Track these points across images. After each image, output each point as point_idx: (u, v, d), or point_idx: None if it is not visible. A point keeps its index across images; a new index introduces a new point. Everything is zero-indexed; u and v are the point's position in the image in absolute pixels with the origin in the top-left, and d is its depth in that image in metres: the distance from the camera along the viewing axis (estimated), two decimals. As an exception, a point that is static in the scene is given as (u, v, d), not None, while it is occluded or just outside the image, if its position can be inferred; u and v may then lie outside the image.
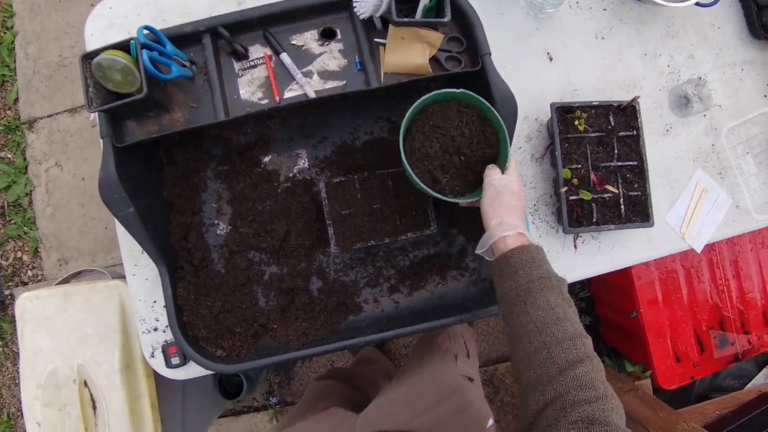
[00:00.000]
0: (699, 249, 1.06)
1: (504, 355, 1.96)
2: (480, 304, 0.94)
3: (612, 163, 0.99)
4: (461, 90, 0.84)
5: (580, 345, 0.63)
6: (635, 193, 0.99)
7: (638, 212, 0.99)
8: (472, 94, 0.84)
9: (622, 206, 0.98)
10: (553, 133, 0.97)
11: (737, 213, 1.08)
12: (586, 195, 0.95)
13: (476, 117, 0.87)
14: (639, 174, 0.99)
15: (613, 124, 0.99)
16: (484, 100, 0.84)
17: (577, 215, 0.98)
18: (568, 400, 0.58)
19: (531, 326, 0.66)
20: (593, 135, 0.99)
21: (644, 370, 1.54)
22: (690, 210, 1.06)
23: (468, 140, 0.86)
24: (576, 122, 0.97)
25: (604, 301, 1.77)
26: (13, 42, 2.09)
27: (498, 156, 0.88)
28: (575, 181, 0.97)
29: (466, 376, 0.98)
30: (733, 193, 1.08)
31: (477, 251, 0.80)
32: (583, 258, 1.03)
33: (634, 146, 1.00)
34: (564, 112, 0.99)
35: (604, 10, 1.08)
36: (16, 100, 2.07)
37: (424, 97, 0.83)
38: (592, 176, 0.98)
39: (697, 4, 1.03)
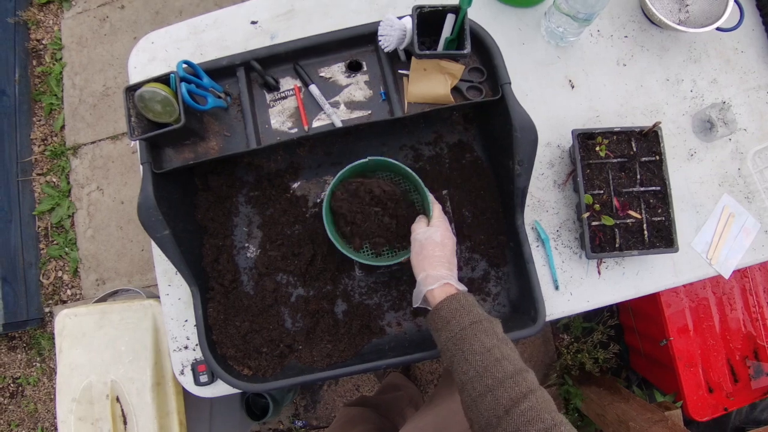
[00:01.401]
0: (727, 275, 1.04)
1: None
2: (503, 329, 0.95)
3: (634, 189, 0.99)
4: (369, 158, 0.91)
5: (521, 381, 0.64)
6: (659, 219, 0.99)
7: (662, 237, 0.98)
8: (381, 158, 0.92)
9: (646, 231, 0.98)
10: (575, 159, 0.98)
11: (766, 238, 1.07)
12: (608, 221, 0.96)
13: (398, 177, 0.96)
14: (662, 199, 0.99)
15: (635, 149, 1.00)
16: (393, 161, 0.92)
17: (599, 241, 0.98)
18: None
19: (472, 372, 0.67)
20: (615, 161, 1.00)
21: (675, 400, 1.49)
22: (717, 235, 1.05)
23: (390, 202, 0.93)
24: (597, 148, 0.98)
25: (634, 330, 1.74)
26: (61, 73, 2.23)
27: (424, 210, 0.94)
28: (597, 206, 0.97)
29: None
30: (761, 217, 1.07)
31: (413, 305, 0.83)
32: (606, 284, 1.03)
33: (656, 171, 1.00)
34: (585, 139, 1.00)
35: (625, 37, 1.10)
36: (63, 128, 2.20)
37: (339, 174, 0.92)
38: (615, 202, 0.98)
39: (718, 29, 1.03)
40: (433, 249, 0.82)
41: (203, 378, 1.00)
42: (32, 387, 2.10)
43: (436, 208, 0.90)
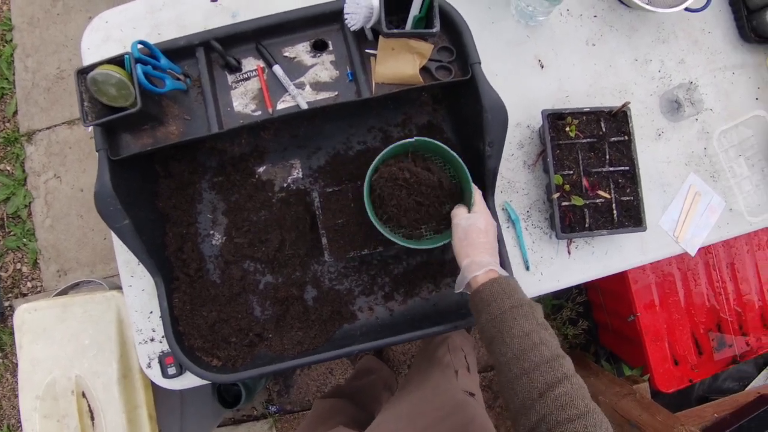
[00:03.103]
0: (693, 252, 1.06)
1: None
2: (474, 310, 0.95)
3: (604, 169, 0.99)
4: (415, 138, 0.88)
5: (557, 366, 0.65)
6: (628, 198, 0.99)
7: (631, 217, 0.99)
8: (427, 139, 0.89)
9: (615, 211, 0.99)
10: (545, 139, 0.97)
11: (731, 216, 1.09)
12: (578, 201, 0.96)
13: (438, 161, 0.93)
14: (631, 179, 1.00)
15: (604, 129, 1.00)
16: (439, 143, 0.89)
17: (569, 221, 0.98)
18: (551, 420, 0.60)
19: (510, 355, 0.68)
20: (585, 141, 0.99)
21: (642, 373, 1.54)
22: (683, 214, 1.06)
23: (432, 185, 0.90)
24: (567, 128, 0.98)
25: (602, 306, 1.77)
26: (12, 55, 2.11)
27: (464, 195, 0.92)
28: (567, 186, 0.97)
29: (468, 391, 0.99)
30: (726, 196, 1.09)
31: (456, 291, 0.82)
32: (576, 263, 1.04)
33: (625, 151, 1.00)
34: (555, 119, 1.00)
35: (595, 17, 1.09)
36: (15, 113, 2.09)
37: (382, 153, 0.89)
38: (584, 182, 0.98)
39: (687, 9, 1.03)
40: (478, 235, 0.82)
41: (171, 370, 0.98)
42: (-5, 383, 2.03)
43: (477, 194, 0.88)
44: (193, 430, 1.44)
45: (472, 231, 0.83)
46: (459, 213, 0.87)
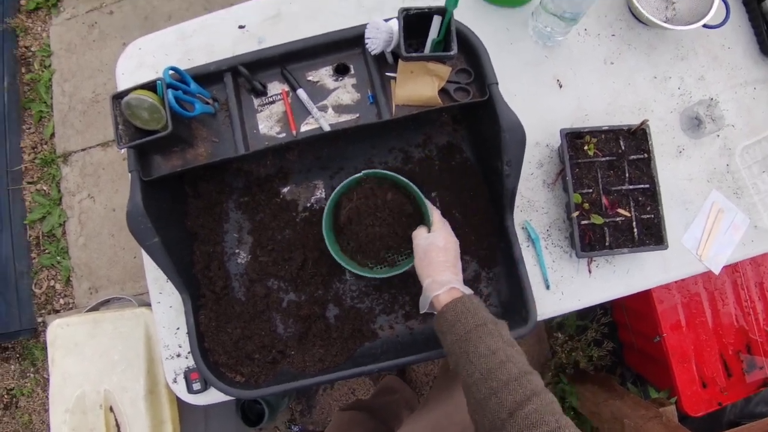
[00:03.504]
0: (717, 271, 1.05)
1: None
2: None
3: (623, 187, 0.99)
4: (364, 172, 0.93)
5: (525, 383, 0.64)
6: (648, 216, 0.99)
7: (652, 235, 0.99)
8: (376, 170, 0.94)
9: (635, 229, 0.98)
10: (564, 158, 0.98)
11: (755, 233, 1.07)
12: (597, 219, 0.96)
13: (393, 187, 0.96)
14: (651, 197, 1.00)
15: (623, 147, 1.00)
16: (387, 172, 0.93)
17: (589, 239, 0.98)
18: None
19: (477, 375, 0.67)
20: (603, 159, 1.00)
21: (669, 396, 1.50)
22: (706, 231, 1.05)
23: (390, 212, 0.94)
24: (586, 147, 0.99)
25: (627, 327, 1.74)
26: (50, 80, 2.22)
27: (424, 217, 0.94)
28: (586, 205, 0.98)
29: None
30: (750, 213, 1.07)
31: (421, 311, 0.83)
32: (597, 282, 1.03)
33: (645, 169, 1.00)
34: (574, 138, 1.00)
35: (613, 36, 1.10)
36: (52, 135, 2.18)
37: (338, 188, 0.93)
38: (604, 200, 0.98)
39: (705, 26, 1.04)
40: (437, 254, 0.83)
41: (196, 386, 1.00)
42: (26, 398, 2.09)
43: (435, 214, 0.90)
44: (217, 446, 1.46)
45: (432, 250, 0.83)
46: (418, 234, 0.88)
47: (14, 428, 2.09)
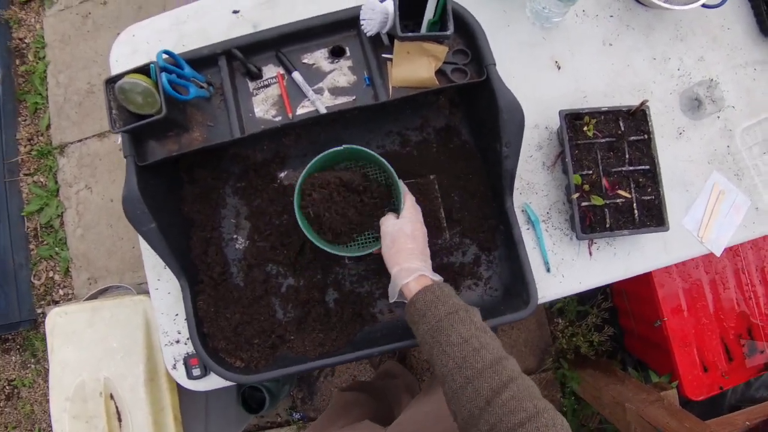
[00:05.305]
0: (718, 252, 1.04)
1: (526, 369, 1.93)
2: (495, 312, 0.94)
3: (623, 168, 0.99)
4: (344, 146, 0.88)
5: (500, 370, 0.63)
6: (649, 198, 0.98)
7: (653, 217, 0.98)
8: (356, 147, 0.88)
9: (636, 211, 0.98)
10: (563, 140, 0.97)
11: (756, 215, 1.07)
12: (597, 200, 0.95)
13: (374, 169, 0.93)
14: (652, 178, 0.99)
15: (623, 129, 0.99)
16: (368, 150, 0.88)
17: (590, 221, 0.98)
18: (501, 428, 0.59)
19: (451, 364, 0.66)
20: (603, 141, 0.99)
21: (670, 380, 1.50)
22: (707, 213, 1.04)
23: (363, 193, 0.91)
24: (585, 128, 0.98)
25: (628, 312, 1.74)
26: (45, 71, 2.20)
27: (398, 201, 0.91)
28: (586, 187, 0.97)
29: None
30: (751, 194, 1.07)
31: (390, 300, 0.81)
32: (598, 264, 1.03)
33: (645, 150, 0.99)
34: (573, 119, 0.99)
35: (611, 16, 1.09)
36: (48, 127, 2.17)
37: (313, 161, 0.88)
38: (604, 181, 0.98)
39: (704, 6, 1.02)
40: (405, 241, 0.81)
41: (196, 371, 1.00)
42: (27, 389, 2.09)
43: (408, 199, 0.87)
44: (218, 434, 1.46)
45: (400, 237, 0.81)
46: (386, 220, 0.86)
47: (16, 419, 2.10)
